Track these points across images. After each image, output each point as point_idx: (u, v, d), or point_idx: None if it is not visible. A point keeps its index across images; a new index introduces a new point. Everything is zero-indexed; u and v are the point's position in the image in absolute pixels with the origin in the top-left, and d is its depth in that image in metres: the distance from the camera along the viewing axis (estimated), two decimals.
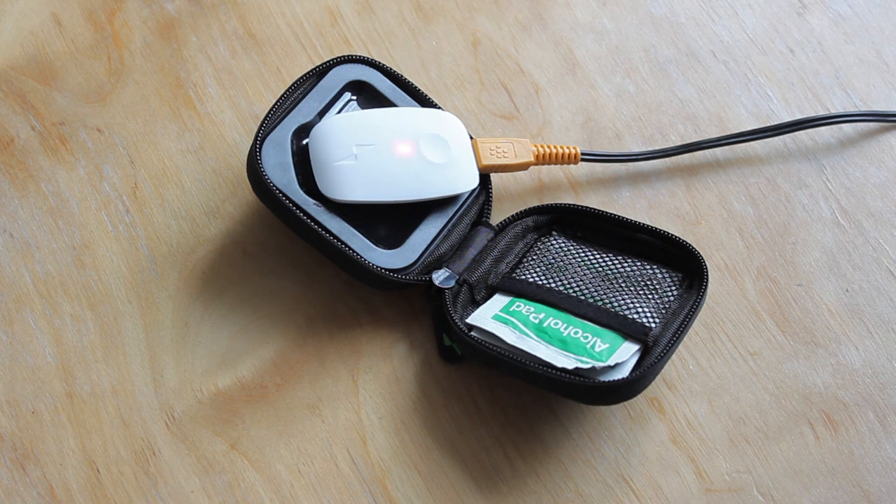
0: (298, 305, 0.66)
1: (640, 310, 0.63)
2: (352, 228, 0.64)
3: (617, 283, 0.64)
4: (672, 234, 0.65)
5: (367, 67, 0.67)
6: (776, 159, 0.71)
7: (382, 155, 0.64)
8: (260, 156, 0.64)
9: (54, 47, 0.71)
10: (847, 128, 0.72)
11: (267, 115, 0.65)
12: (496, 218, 0.68)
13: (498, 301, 0.64)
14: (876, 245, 0.69)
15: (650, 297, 0.63)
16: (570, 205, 0.67)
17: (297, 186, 0.64)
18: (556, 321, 0.63)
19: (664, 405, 0.64)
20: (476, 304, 0.65)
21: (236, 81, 0.71)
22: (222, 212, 0.67)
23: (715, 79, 0.73)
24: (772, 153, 0.71)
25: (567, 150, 0.68)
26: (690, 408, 0.64)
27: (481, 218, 0.67)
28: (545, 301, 0.64)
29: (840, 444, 0.64)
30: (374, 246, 0.64)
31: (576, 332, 0.62)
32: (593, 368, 0.60)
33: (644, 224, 0.65)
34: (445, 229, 0.66)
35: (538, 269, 0.65)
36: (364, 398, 0.64)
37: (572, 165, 0.69)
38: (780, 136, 0.71)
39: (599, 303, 0.63)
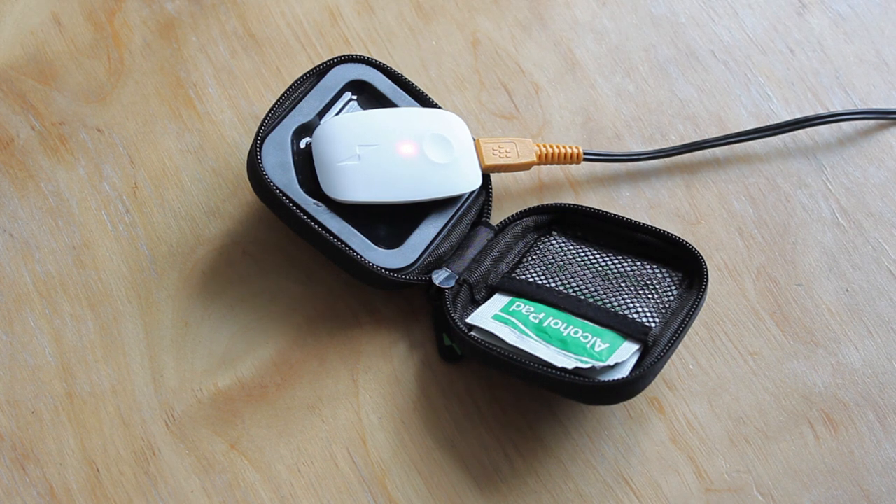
0: (298, 305, 0.66)
1: (639, 309, 0.63)
2: (352, 228, 0.64)
3: (617, 282, 0.64)
4: (672, 234, 0.65)
5: (368, 67, 0.67)
6: (776, 159, 0.71)
7: (386, 155, 0.64)
8: (260, 155, 0.64)
9: (54, 47, 0.71)
10: (846, 126, 0.72)
11: (267, 115, 0.65)
12: (496, 218, 0.68)
13: (498, 301, 0.64)
14: (876, 245, 0.69)
15: (650, 296, 0.63)
16: (570, 204, 0.67)
17: (298, 186, 0.64)
18: (556, 321, 0.63)
19: (664, 405, 0.64)
20: (476, 303, 0.65)
21: (236, 81, 0.71)
22: (222, 212, 0.67)
23: (715, 79, 0.73)
24: (771, 153, 0.71)
25: (569, 150, 0.68)
26: (690, 408, 0.64)
27: (481, 218, 0.67)
28: (545, 301, 0.64)
29: (840, 444, 0.64)
30: (374, 246, 0.64)
31: (576, 332, 0.62)
32: (593, 368, 0.60)
33: (644, 224, 0.65)
34: (445, 229, 0.66)
35: (538, 269, 0.65)
36: (364, 398, 0.64)
37: (572, 165, 0.69)
38: (780, 136, 0.71)
39: (599, 302, 0.63)
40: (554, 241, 0.67)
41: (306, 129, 0.66)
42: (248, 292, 0.66)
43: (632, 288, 0.64)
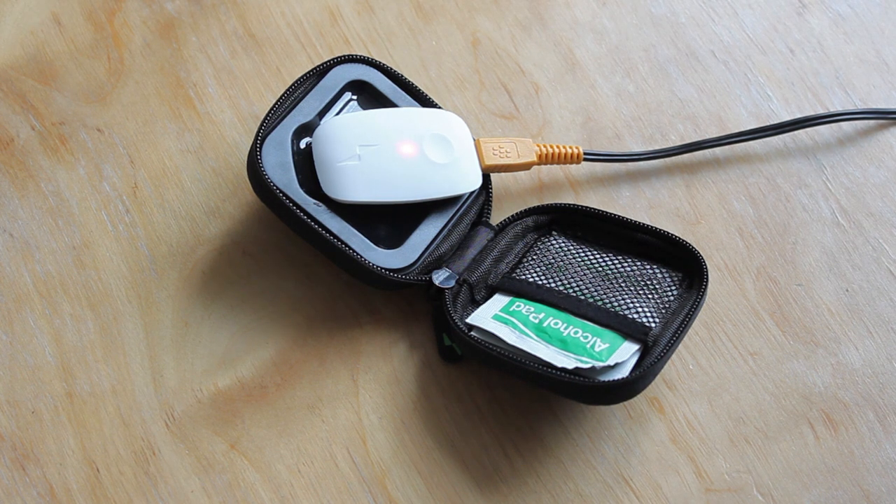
0: (298, 305, 0.66)
1: (640, 309, 0.63)
2: (352, 228, 0.64)
3: (617, 282, 0.64)
4: (672, 234, 0.65)
5: (368, 67, 0.67)
6: (776, 159, 0.71)
7: (386, 155, 0.64)
8: (260, 155, 0.64)
9: (54, 47, 0.71)
10: (846, 126, 0.72)
11: (267, 115, 0.65)
12: (496, 218, 0.68)
13: (498, 301, 0.64)
14: (876, 245, 0.69)
15: (650, 296, 0.63)
16: (570, 204, 0.67)
17: (298, 186, 0.64)
18: (556, 321, 0.63)
19: (664, 405, 0.64)
20: (476, 304, 0.65)
21: (236, 81, 0.71)
22: (222, 212, 0.67)
23: (715, 79, 0.73)
24: (771, 153, 0.71)
25: (569, 150, 0.68)
26: (690, 408, 0.64)
27: (481, 218, 0.67)
28: (545, 301, 0.64)
29: (840, 444, 0.64)
30: (374, 246, 0.64)
31: (576, 332, 0.62)
32: (593, 368, 0.60)
33: (644, 224, 0.65)
34: (445, 229, 0.66)
35: (538, 269, 0.65)
36: (364, 398, 0.64)
37: (572, 165, 0.69)
38: (780, 136, 0.71)
39: (599, 302, 0.63)
40: (554, 241, 0.67)
41: (306, 129, 0.66)
42: (248, 292, 0.66)
43: (632, 288, 0.64)
